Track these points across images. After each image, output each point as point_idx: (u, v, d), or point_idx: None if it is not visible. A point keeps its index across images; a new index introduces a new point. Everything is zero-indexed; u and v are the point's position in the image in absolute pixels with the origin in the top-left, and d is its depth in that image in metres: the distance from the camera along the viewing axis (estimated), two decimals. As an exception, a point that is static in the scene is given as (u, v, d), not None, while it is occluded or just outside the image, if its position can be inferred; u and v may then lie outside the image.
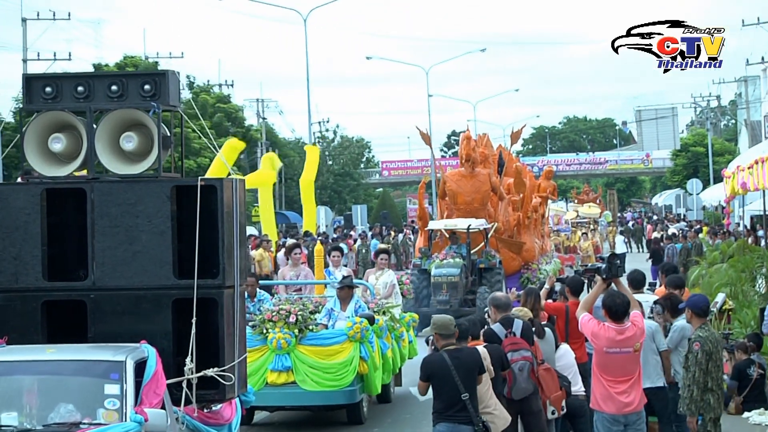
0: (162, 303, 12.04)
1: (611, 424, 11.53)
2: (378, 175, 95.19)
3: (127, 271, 12.04)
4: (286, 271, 20.01)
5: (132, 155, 12.27)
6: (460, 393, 10.93)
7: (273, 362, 16.37)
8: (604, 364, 11.60)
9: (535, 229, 35.51)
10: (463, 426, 11.06)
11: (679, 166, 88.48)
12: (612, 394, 11.53)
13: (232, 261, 12.22)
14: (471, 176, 30.96)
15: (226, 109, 66.33)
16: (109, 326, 12.00)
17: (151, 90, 12.12)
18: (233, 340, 12.26)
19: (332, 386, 16.43)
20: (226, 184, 12.19)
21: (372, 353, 16.68)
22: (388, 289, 19.55)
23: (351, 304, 17.20)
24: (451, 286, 28.71)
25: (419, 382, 11.50)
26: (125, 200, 12.07)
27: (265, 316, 16.51)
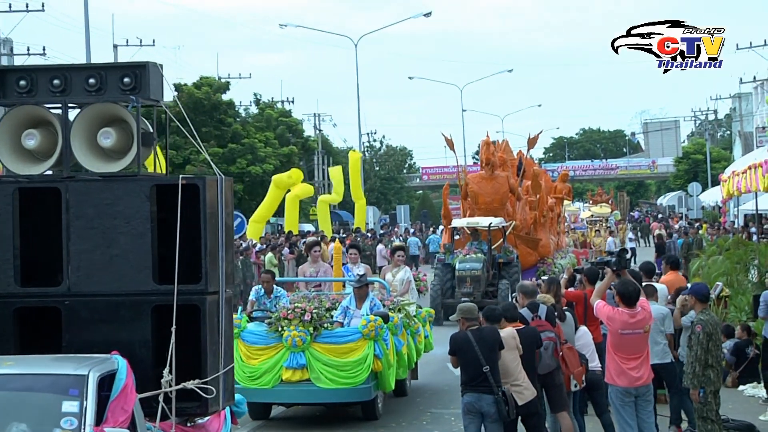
0: (141, 310, 9.50)
1: (624, 396, 11.23)
2: (418, 179, 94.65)
3: (104, 276, 9.50)
4: (306, 268, 17.58)
5: (110, 152, 9.70)
6: (482, 366, 10.66)
7: (288, 360, 13.99)
8: (618, 343, 11.27)
9: (551, 226, 33.95)
10: (486, 395, 10.70)
11: (681, 171, 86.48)
12: (624, 369, 11.19)
13: (216, 265, 9.64)
14: (491, 178, 29.09)
15: (288, 122, 65.21)
16: (85, 335, 9.48)
17: (131, 83, 9.56)
18: (217, 349, 9.67)
19: (346, 384, 14.04)
20: (210, 183, 9.61)
21: (386, 351, 14.27)
22: (404, 286, 17.07)
23: (366, 302, 14.76)
24: (474, 279, 26.62)
25: (450, 357, 11.34)
26: (102, 200, 9.52)
27: (280, 313, 14.09)
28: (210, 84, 56.59)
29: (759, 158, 25.27)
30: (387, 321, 14.24)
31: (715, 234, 38.23)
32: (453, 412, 14.84)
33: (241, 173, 52.67)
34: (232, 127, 55.26)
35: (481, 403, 10.73)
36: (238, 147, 54.03)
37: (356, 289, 14.78)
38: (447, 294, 26.97)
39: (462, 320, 11.11)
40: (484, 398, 10.68)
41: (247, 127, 57.37)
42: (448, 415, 15.27)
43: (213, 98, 55.14)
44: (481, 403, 10.74)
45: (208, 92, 55.02)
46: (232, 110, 57.66)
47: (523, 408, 10.98)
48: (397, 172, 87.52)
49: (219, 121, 54.96)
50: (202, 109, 54.53)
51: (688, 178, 75.73)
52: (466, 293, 26.28)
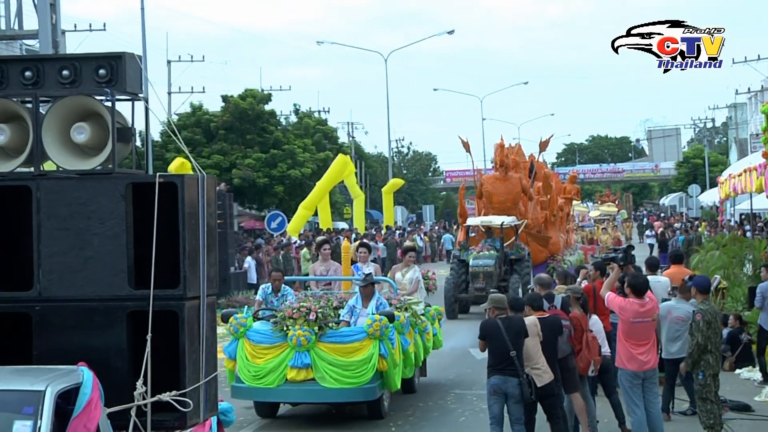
0: (116, 316, 7.90)
1: (633, 378, 11.04)
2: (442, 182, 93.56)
3: (77, 280, 7.90)
4: (317, 266, 15.86)
5: (85, 149, 8.08)
6: (509, 350, 10.41)
7: (293, 359, 12.33)
8: (628, 331, 11.05)
9: (561, 225, 32.38)
10: (511, 378, 10.41)
11: (682, 174, 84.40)
12: (634, 355, 10.99)
13: (196, 269, 8.00)
14: (504, 179, 27.57)
15: (324, 130, 63.79)
16: (57, 343, 7.88)
17: (107, 75, 7.94)
18: (198, 358, 8.03)
19: (351, 383, 12.39)
20: (189, 181, 7.95)
21: (392, 350, 12.60)
22: (413, 285, 15.35)
23: (372, 301, 13.13)
24: (487, 275, 24.94)
25: (479, 342, 10.88)
26: (75, 199, 7.91)
27: (285, 313, 12.46)
28: (254, 95, 55.35)
29: (753, 162, 25.40)
30: (392, 320, 12.62)
31: (713, 231, 38.02)
32: (475, 393, 14.62)
33: (281, 176, 51.94)
34: (274, 135, 54.49)
35: (507, 385, 10.41)
36: (279, 152, 53.08)
37: (362, 288, 13.19)
38: (461, 289, 25.38)
39: (492, 309, 10.82)
40: (509, 381, 10.38)
41: (287, 134, 56.54)
42: (470, 395, 14.76)
43: (257, 108, 54.38)
44: (506, 385, 10.41)
45: (252, 103, 54.35)
46: (274, 119, 56.84)
47: (541, 390, 10.64)
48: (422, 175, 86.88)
49: (262, 129, 54.17)
50: (247, 118, 53.41)
51: (688, 181, 74.14)
52: (478, 288, 24.76)
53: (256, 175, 50.92)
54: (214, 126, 52.28)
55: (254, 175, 50.99)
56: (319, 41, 67.30)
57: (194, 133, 52.08)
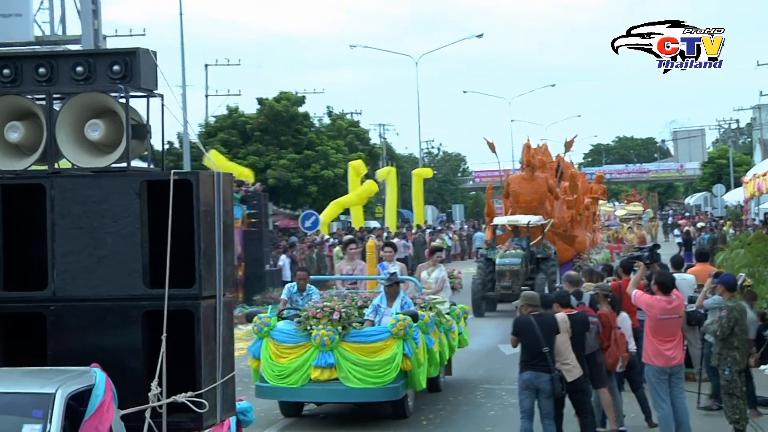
0: (131, 316, 7.50)
1: (660, 374, 10.80)
2: (471, 182, 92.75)
3: (92, 280, 7.51)
4: (343, 266, 15.37)
5: (100, 146, 7.68)
6: (542, 346, 10.24)
7: (317, 359, 11.84)
8: (656, 327, 10.80)
9: (587, 224, 31.65)
10: (543, 374, 10.23)
11: (707, 174, 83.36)
12: (661, 351, 10.74)
13: (212, 267, 7.58)
14: (531, 179, 26.91)
15: (356, 132, 63.49)
16: (71, 343, 7.50)
17: (121, 71, 7.54)
18: (215, 358, 7.63)
19: (375, 383, 11.88)
20: (204, 179, 7.54)
21: (416, 350, 12.09)
22: (439, 284, 14.79)
23: (397, 300, 12.56)
24: (513, 273, 24.33)
25: (511, 337, 10.66)
26: (89, 197, 7.52)
27: (309, 312, 11.98)
28: (288, 98, 55.25)
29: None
30: (416, 320, 12.13)
31: (738, 230, 37.41)
32: (504, 388, 14.44)
33: (315, 177, 51.89)
34: (308, 136, 54.43)
35: (539, 380, 10.24)
36: (312, 153, 52.99)
37: (387, 288, 12.65)
38: (488, 287, 24.75)
39: (525, 305, 10.61)
40: (542, 376, 10.21)
41: (321, 135, 56.42)
42: (499, 390, 14.52)
43: (291, 110, 54.39)
44: (539, 380, 10.24)
45: (287, 105, 54.40)
46: (308, 121, 56.71)
47: (570, 385, 10.48)
48: (452, 176, 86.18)
49: (296, 131, 54.10)
50: (281, 120, 53.32)
51: (713, 181, 73.33)
52: (505, 287, 24.21)
53: (290, 176, 51.00)
54: (249, 128, 52.27)
55: (288, 175, 50.94)
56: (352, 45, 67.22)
57: (230, 134, 52.15)
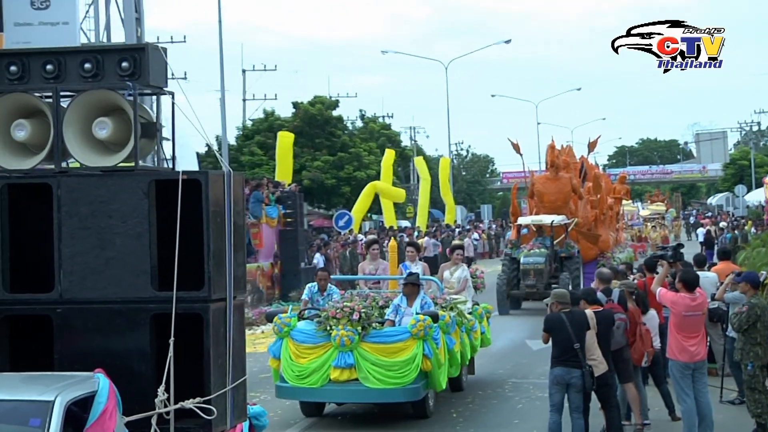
0: (139, 319, 6.99)
1: (684, 369, 10.57)
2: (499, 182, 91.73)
3: (99, 282, 7.02)
4: (366, 265, 14.71)
5: (109, 144, 7.19)
6: (573, 343, 9.97)
7: (336, 359, 11.25)
8: (680, 324, 10.57)
9: (610, 223, 30.76)
10: (574, 369, 9.94)
11: (729, 175, 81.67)
12: (686, 347, 10.52)
13: (222, 269, 7.07)
14: (555, 179, 26.06)
15: (388, 134, 63.21)
16: (78, 346, 7.02)
17: (130, 68, 7.04)
18: (224, 362, 7.11)
19: (395, 384, 11.27)
20: (214, 178, 7.02)
21: (436, 350, 11.49)
22: (461, 284, 14.13)
23: (417, 300, 11.93)
24: (537, 272, 23.62)
25: (543, 334, 10.31)
26: (97, 197, 7.03)
27: (329, 313, 11.41)
28: (322, 102, 55.07)
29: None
30: (437, 320, 11.55)
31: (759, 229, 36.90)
32: (531, 382, 14.22)
33: (348, 178, 51.75)
34: (341, 139, 54.34)
35: (570, 376, 9.95)
36: (346, 155, 52.86)
37: (404, 288, 12.03)
38: (512, 285, 24.08)
39: (555, 303, 10.31)
40: (573, 372, 9.92)
41: (354, 138, 56.27)
42: (527, 384, 14.20)
43: (325, 114, 54.42)
44: (570, 376, 9.95)
45: (321, 109, 54.38)
46: (341, 124, 56.56)
47: (597, 379, 10.18)
48: (480, 177, 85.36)
49: (330, 134, 54.02)
50: (316, 123, 53.19)
51: (735, 181, 71.86)
52: (530, 285, 23.51)
53: (324, 177, 50.91)
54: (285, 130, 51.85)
55: (323, 176, 50.86)
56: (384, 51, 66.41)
57: (267, 137, 51.97)
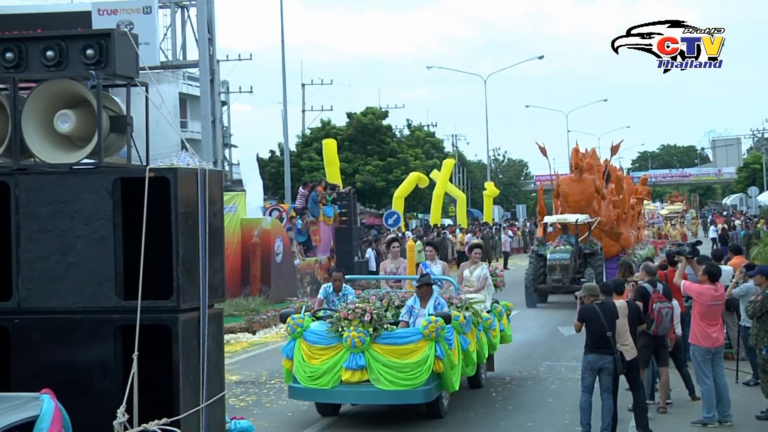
0: (102, 331, 5.55)
1: (705, 354, 10.31)
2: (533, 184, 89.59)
3: (60, 289, 5.57)
4: (387, 264, 13.14)
5: (74, 139, 5.76)
6: (606, 331, 9.53)
7: (347, 360, 9.79)
8: (705, 313, 10.29)
9: (632, 222, 29.04)
10: (606, 356, 9.51)
11: (742, 177, 78.78)
12: (708, 333, 10.28)
13: (194, 276, 5.60)
14: (579, 180, 24.35)
15: (432, 141, 62.07)
16: (37, 360, 5.59)
17: (95, 55, 5.58)
18: (197, 378, 5.65)
19: (406, 385, 9.74)
20: (184, 176, 5.55)
21: (448, 352, 9.98)
22: (480, 282, 12.51)
23: (431, 301, 10.45)
24: (563, 268, 21.97)
25: (576, 323, 9.87)
26: (58, 197, 5.58)
27: (341, 314, 9.93)
28: (373, 113, 54.06)
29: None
30: (449, 321, 10.05)
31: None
32: (564, 365, 13.85)
33: (396, 180, 51.10)
34: (390, 145, 53.73)
35: (603, 361, 9.48)
36: (394, 160, 52.18)
37: (417, 289, 10.53)
38: (539, 280, 22.48)
39: (587, 296, 9.80)
40: (605, 358, 9.46)
41: (401, 145, 55.46)
42: (559, 366, 13.81)
43: (376, 123, 53.95)
44: (603, 361, 9.48)
45: (372, 119, 53.94)
46: (390, 132, 55.79)
47: (628, 363, 9.75)
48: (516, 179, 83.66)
49: (380, 141, 53.43)
50: (367, 132, 52.31)
51: (748, 183, 69.23)
52: (556, 280, 21.93)
53: (375, 180, 50.55)
54: (340, 138, 51.96)
55: (373, 179, 50.54)
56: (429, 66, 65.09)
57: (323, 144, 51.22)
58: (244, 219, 22.57)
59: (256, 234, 22.05)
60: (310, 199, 25.95)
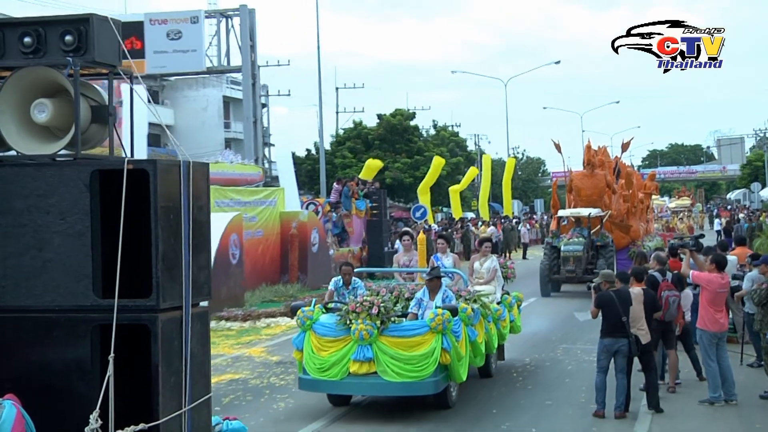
0: (79, 331, 4.78)
1: (712, 338, 10.03)
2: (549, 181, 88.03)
3: (36, 287, 4.81)
4: (400, 256, 12.28)
5: (54, 130, 5.00)
6: (621, 316, 9.23)
7: (356, 352, 9.00)
8: (713, 300, 10.01)
9: (641, 215, 28.06)
10: (622, 339, 9.22)
11: (745, 174, 76.79)
12: (716, 318, 9.99)
13: (176, 274, 4.82)
14: (591, 176, 23.25)
15: (456, 140, 61.07)
16: (11, 361, 4.82)
17: (74, 42, 4.81)
18: (179, 380, 4.87)
19: (413, 377, 8.93)
20: (165, 168, 4.76)
21: (455, 344, 9.15)
22: (490, 274, 11.67)
23: (439, 293, 9.65)
24: (576, 259, 21.01)
25: (593, 309, 9.52)
26: (33, 190, 4.81)
27: (349, 307, 9.14)
28: (402, 114, 53.36)
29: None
30: (456, 314, 9.23)
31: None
32: (579, 347, 13.59)
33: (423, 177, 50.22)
34: (417, 144, 53.35)
35: (618, 345, 9.25)
36: (421, 158, 51.80)
37: (427, 282, 9.71)
38: (554, 271, 21.53)
39: (604, 282, 9.56)
40: (620, 341, 9.23)
41: (428, 143, 54.92)
42: (575, 349, 13.55)
43: (404, 124, 53.63)
44: (618, 345, 9.25)
45: (401, 119, 53.63)
46: (417, 132, 55.38)
47: (643, 346, 9.52)
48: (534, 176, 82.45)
49: (408, 140, 53.07)
50: (396, 131, 51.72)
51: (751, 179, 67.33)
52: (569, 270, 20.96)
53: (403, 176, 50.25)
54: (371, 137, 51.67)
55: (402, 175, 50.20)
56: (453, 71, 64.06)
57: (356, 143, 51.83)
58: (283, 212, 22.47)
59: (294, 226, 21.98)
60: (343, 193, 25.75)
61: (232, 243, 17.94)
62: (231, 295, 17.68)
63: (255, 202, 21.27)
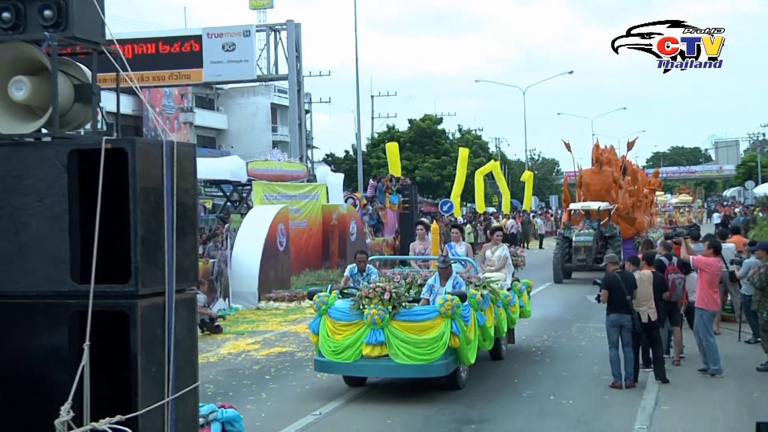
0: (57, 317, 3.92)
1: (711, 317, 9.79)
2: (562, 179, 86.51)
3: (13, 272, 3.98)
4: (416, 245, 11.56)
5: (34, 109, 4.19)
6: (625, 295, 9.01)
7: (368, 336, 8.24)
8: (712, 281, 9.65)
9: (645, 209, 27.06)
10: (626, 314, 9.03)
11: (740, 173, 75.04)
12: (714, 298, 9.69)
13: (157, 258, 3.96)
14: (599, 173, 22.29)
15: (479, 143, 60.75)
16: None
17: (53, 17, 3.98)
18: (160, 370, 4.04)
19: (423, 360, 8.19)
20: (144, 147, 3.90)
21: (464, 328, 8.36)
22: (501, 261, 10.77)
23: (450, 280, 8.86)
24: (587, 249, 20.14)
25: (602, 293, 9.13)
26: (9, 171, 3.98)
27: (362, 292, 8.37)
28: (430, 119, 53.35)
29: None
30: (464, 300, 8.41)
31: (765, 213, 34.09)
32: (592, 326, 13.35)
33: (449, 175, 50.09)
34: (444, 146, 53.11)
35: (623, 320, 9.09)
36: (447, 158, 51.39)
37: (441, 269, 8.88)
38: (566, 259, 20.65)
39: (609, 264, 9.39)
40: (624, 317, 9.08)
41: (453, 146, 54.29)
42: (588, 327, 13.35)
43: (432, 128, 53.46)
44: (623, 320, 9.10)
45: (429, 124, 53.27)
46: (444, 135, 55.01)
47: (651, 323, 9.32)
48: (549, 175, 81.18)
49: (436, 142, 52.91)
50: (425, 135, 51.89)
51: (745, 178, 65.79)
52: (580, 259, 20.13)
53: (431, 175, 49.64)
54: (402, 140, 51.22)
55: (430, 174, 49.54)
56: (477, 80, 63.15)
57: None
58: (325, 205, 22.35)
59: (334, 218, 21.85)
60: (378, 189, 25.81)
61: (279, 232, 17.90)
62: (278, 278, 17.72)
63: (299, 195, 21.15)
